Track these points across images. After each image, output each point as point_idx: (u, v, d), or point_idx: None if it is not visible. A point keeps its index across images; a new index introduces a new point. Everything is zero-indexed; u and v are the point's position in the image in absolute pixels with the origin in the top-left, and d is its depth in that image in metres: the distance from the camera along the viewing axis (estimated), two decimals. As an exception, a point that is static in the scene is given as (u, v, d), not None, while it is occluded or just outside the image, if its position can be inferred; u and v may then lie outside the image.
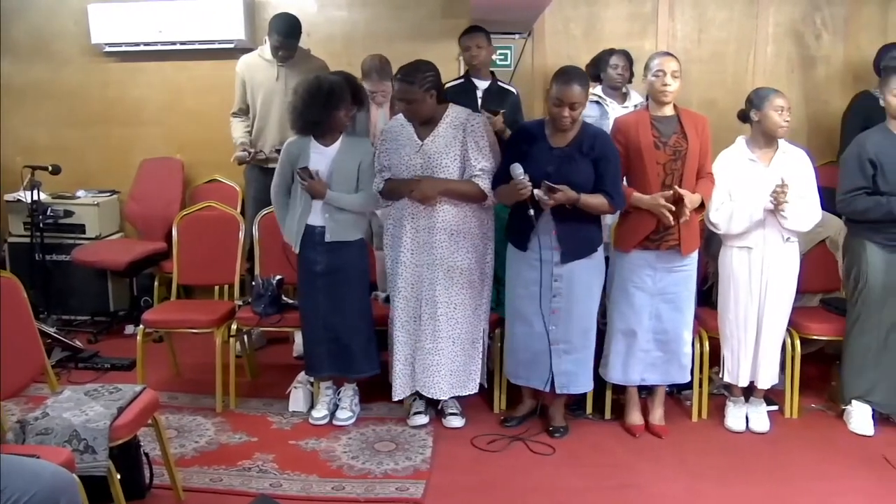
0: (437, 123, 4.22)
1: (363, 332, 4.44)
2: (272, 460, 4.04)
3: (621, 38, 5.97)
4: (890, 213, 4.23)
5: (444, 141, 4.19)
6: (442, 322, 4.27)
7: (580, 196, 3.96)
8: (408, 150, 4.21)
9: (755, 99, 4.30)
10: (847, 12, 6.21)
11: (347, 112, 4.33)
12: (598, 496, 3.80)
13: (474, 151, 4.18)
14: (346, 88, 4.29)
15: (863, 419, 4.44)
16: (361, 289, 4.47)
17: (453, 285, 4.27)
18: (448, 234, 4.23)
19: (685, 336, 4.35)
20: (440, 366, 4.31)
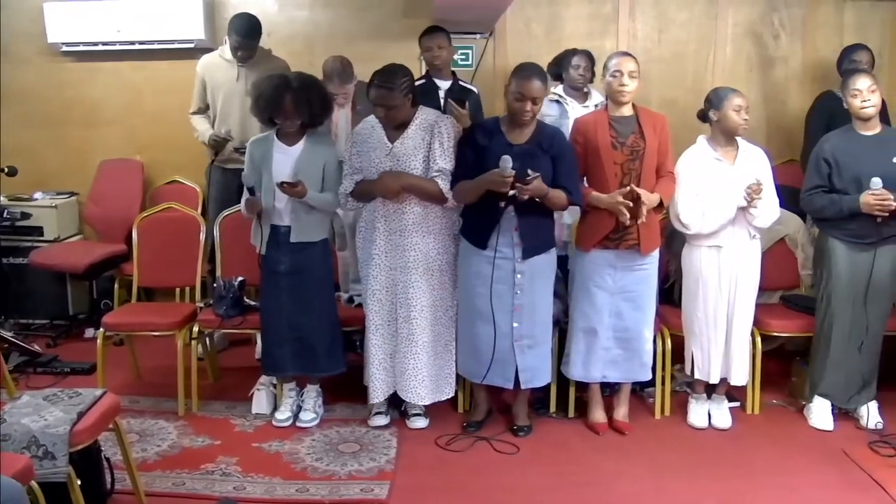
0: (407, 126, 4.22)
1: (328, 332, 4.43)
2: (235, 463, 4.01)
3: (582, 38, 5.99)
4: (841, 210, 4.30)
5: (412, 143, 4.19)
6: (417, 325, 4.27)
7: (549, 189, 4.00)
8: (378, 152, 4.20)
9: (714, 98, 4.34)
10: (804, 13, 6.28)
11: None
12: (563, 494, 3.81)
13: (437, 152, 4.19)
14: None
15: (823, 415, 4.50)
16: (326, 289, 4.46)
17: (428, 287, 4.27)
18: (421, 235, 4.23)
19: (646, 334, 4.38)
20: (418, 370, 4.31)
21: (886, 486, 3.84)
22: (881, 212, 4.17)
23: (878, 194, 4.15)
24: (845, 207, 4.27)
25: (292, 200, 4.25)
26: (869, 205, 4.18)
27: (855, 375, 4.44)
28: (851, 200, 4.25)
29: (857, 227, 4.30)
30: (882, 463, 4.09)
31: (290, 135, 4.34)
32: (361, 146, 4.26)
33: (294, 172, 4.27)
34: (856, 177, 4.26)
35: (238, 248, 4.77)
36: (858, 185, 4.24)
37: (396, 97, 4.08)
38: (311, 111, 4.29)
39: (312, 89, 4.31)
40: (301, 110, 4.26)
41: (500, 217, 4.06)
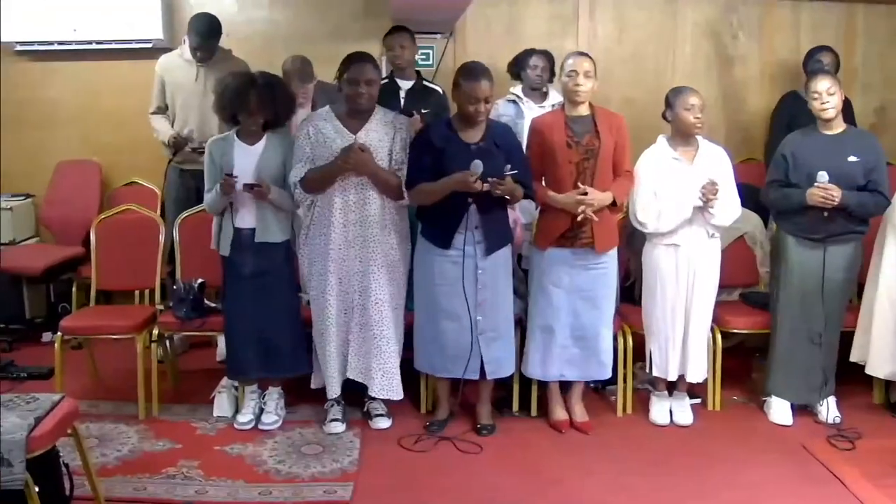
0: (367, 119, 4.22)
1: (292, 332, 4.41)
2: (197, 467, 3.97)
3: (542, 38, 6.01)
4: (791, 202, 4.37)
5: (377, 136, 4.20)
6: (373, 317, 4.27)
7: (517, 187, 4.04)
8: (340, 142, 4.17)
9: (670, 98, 4.39)
10: (761, 13, 6.36)
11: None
12: (526, 493, 3.81)
13: (399, 149, 4.23)
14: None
15: (782, 410, 4.56)
16: (289, 290, 4.44)
17: (387, 280, 4.28)
18: (380, 227, 4.23)
19: (604, 333, 4.40)
20: (372, 362, 4.30)
21: (844, 479, 3.90)
22: (824, 204, 4.24)
23: (823, 187, 4.22)
24: (795, 200, 4.35)
25: (256, 200, 4.23)
26: (814, 196, 4.25)
27: (815, 371, 4.49)
28: (800, 194, 4.32)
29: (807, 221, 4.36)
30: (840, 456, 4.15)
31: (250, 134, 4.32)
32: (319, 136, 4.22)
33: (256, 171, 4.25)
34: (809, 172, 4.32)
35: (198, 250, 4.73)
36: (811, 181, 4.31)
37: (378, 74, 4.20)
38: (276, 109, 4.29)
39: (278, 88, 4.31)
40: (265, 108, 4.25)
41: (464, 217, 4.08)
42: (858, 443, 4.27)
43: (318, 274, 4.29)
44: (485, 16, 6.17)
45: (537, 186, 4.25)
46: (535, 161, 4.26)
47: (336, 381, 4.36)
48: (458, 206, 4.09)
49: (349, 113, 4.24)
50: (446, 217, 4.13)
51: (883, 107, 6.45)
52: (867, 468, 4.01)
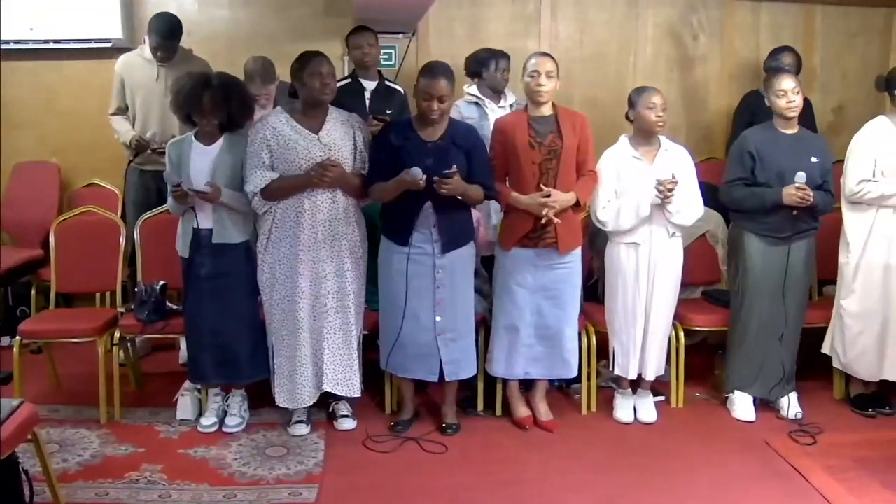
0: (324, 118, 4.20)
1: (250, 337, 4.36)
2: (161, 471, 3.93)
3: (505, 39, 6.02)
4: (763, 202, 4.40)
5: (338, 134, 4.19)
6: (350, 314, 4.26)
7: (467, 186, 4.06)
8: (303, 143, 4.14)
9: (633, 97, 4.42)
10: (721, 14, 6.42)
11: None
12: (491, 492, 3.82)
13: (360, 146, 4.24)
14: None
15: (745, 406, 4.60)
16: (248, 292, 4.38)
17: (356, 276, 4.27)
18: (346, 224, 4.22)
19: (568, 332, 4.42)
20: (352, 361, 4.29)
21: (806, 474, 3.96)
22: (800, 204, 4.29)
23: (801, 188, 4.27)
24: (768, 200, 4.38)
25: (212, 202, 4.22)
26: (791, 196, 4.29)
27: (776, 366, 4.55)
28: (774, 193, 4.35)
29: (775, 221, 4.41)
30: (801, 451, 4.20)
31: (208, 134, 4.29)
32: (280, 138, 4.16)
33: (212, 172, 4.22)
34: (780, 171, 4.37)
35: (159, 252, 4.69)
36: (782, 180, 4.36)
37: (333, 68, 4.19)
38: (230, 111, 4.25)
39: (233, 89, 4.27)
40: (219, 110, 4.22)
41: (419, 215, 4.10)
42: (820, 437, 4.33)
43: (285, 278, 4.22)
44: (447, 16, 6.17)
45: (501, 187, 4.26)
46: (499, 161, 4.27)
47: (309, 389, 4.29)
48: (415, 203, 4.10)
49: (305, 111, 4.21)
50: (404, 215, 4.14)
51: (841, 106, 6.54)
52: (828, 462, 4.06)
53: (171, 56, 5.19)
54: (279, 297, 4.25)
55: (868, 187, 4.42)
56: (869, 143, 4.50)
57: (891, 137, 4.46)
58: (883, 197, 4.41)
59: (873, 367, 4.58)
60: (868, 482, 3.88)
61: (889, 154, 4.43)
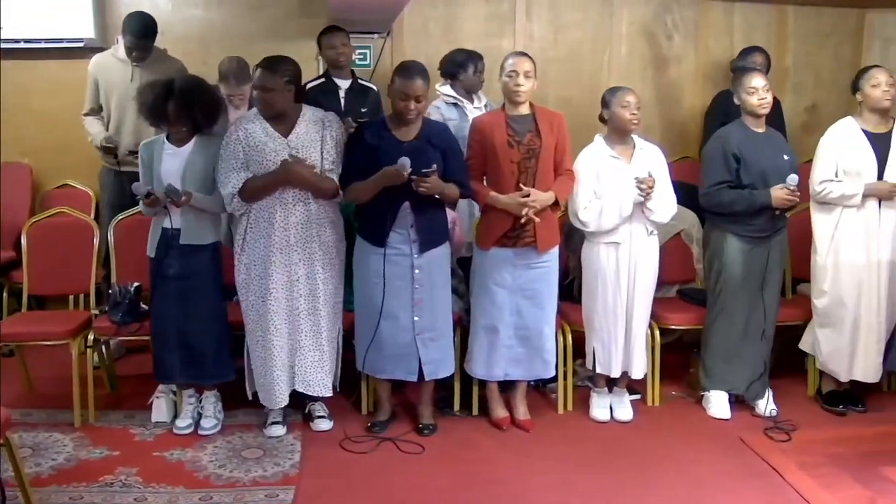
0: (294, 122, 4.17)
1: (216, 339, 4.33)
2: (136, 474, 3.90)
3: (479, 38, 6.02)
4: (753, 204, 4.41)
5: (307, 136, 4.16)
6: (322, 315, 4.24)
7: (444, 185, 4.05)
8: (272, 145, 4.12)
9: (607, 97, 4.44)
10: (695, 14, 6.45)
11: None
12: (468, 492, 3.82)
13: (330, 147, 4.19)
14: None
15: (720, 404, 4.63)
16: (215, 293, 4.36)
17: (330, 277, 4.25)
18: (319, 226, 4.20)
19: (547, 331, 4.43)
20: (323, 362, 4.27)
21: (781, 471, 3.99)
22: (787, 205, 4.36)
23: (790, 190, 4.31)
24: (758, 202, 4.40)
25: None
26: (781, 199, 4.34)
27: (757, 364, 4.59)
28: (763, 195, 4.38)
29: (760, 222, 4.45)
30: (776, 448, 4.24)
31: (178, 135, 4.27)
32: (251, 140, 4.15)
33: (182, 173, 4.20)
34: (762, 172, 4.41)
35: (133, 253, 4.64)
36: (765, 180, 4.40)
37: (277, 81, 4.07)
38: (196, 117, 4.23)
39: (196, 94, 4.23)
40: (184, 117, 4.21)
41: (397, 214, 4.09)
42: (794, 434, 4.37)
43: (259, 279, 4.21)
44: (422, 15, 6.16)
45: (479, 187, 4.26)
46: (477, 161, 4.27)
47: (283, 390, 4.28)
48: (393, 203, 4.09)
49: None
50: (381, 215, 4.12)
51: (814, 105, 6.59)
52: (803, 459, 4.10)
53: (145, 56, 5.15)
54: (253, 299, 4.23)
55: (830, 187, 4.47)
56: (832, 144, 4.54)
57: (855, 138, 4.50)
58: (844, 196, 4.45)
59: (844, 367, 4.62)
60: (841, 477, 3.93)
61: (851, 155, 4.48)
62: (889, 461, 4.08)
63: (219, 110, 4.40)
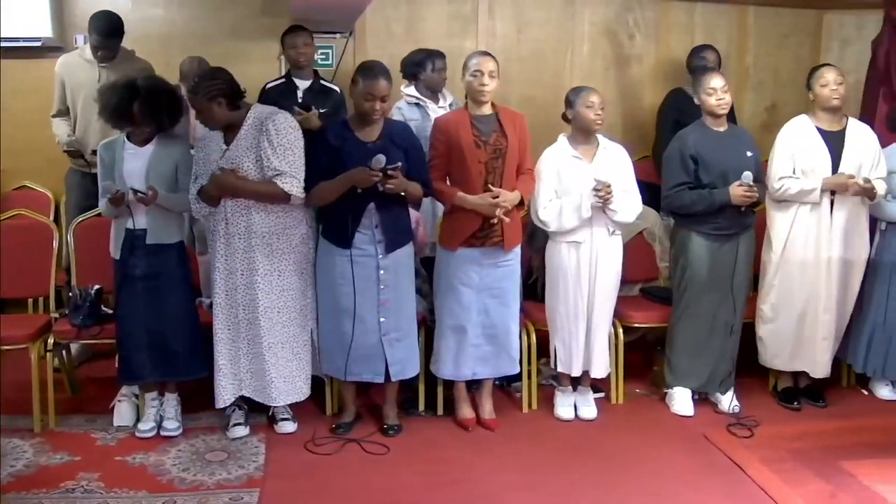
0: (239, 127, 4.14)
1: (188, 336, 4.32)
2: (98, 479, 3.86)
3: (442, 38, 6.03)
4: (712, 204, 4.45)
5: (245, 144, 4.11)
6: (263, 327, 4.19)
7: (409, 183, 4.05)
8: (214, 156, 4.13)
9: (570, 97, 4.44)
10: (656, 14, 6.51)
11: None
12: (433, 493, 3.82)
13: (268, 151, 4.07)
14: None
15: (683, 401, 4.67)
16: (183, 291, 4.34)
17: (273, 289, 4.19)
18: (261, 236, 4.14)
19: (513, 329, 4.45)
20: (267, 371, 4.22)
21: (743, 466, 4.03)
22: (746, 202, 4.38)
23: (747, 187, 4.35)
24: (717, 201, 4.43)
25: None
26: (739, 196, 4.37)
27: (725, 360, 4.64)
28: (722, 194, 4.42)
29: (723, 220, 4.48)
30: (739, 444, 4.28)
31: (140, 136, 4.24)
32: (203, 151, 4.20)
33: (146, 174, 4.17)
34: (722, 171, 4.44)
35: (94, 256, 4.59)
36: (725, 179, 4.42)
37: (201, 101, 4.05)
38: (161, 118, 4.20)
39: (160, 95, 4.20)
40: (150, 118, 4.17)
41: (363, 215, 4.08)
42: (756, 430, 4.42)
43: (223, 281, 4.22)
44: (385, 15, 6.15)
45: (445, 188, 4.26)
46: (442, 161, 4.27)
47: (227, 391, 4.26)
48: (357, 204, 4.08)
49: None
50: (345, 216, 4.11)
51: (774, 105, 6.67)
52: (765, 454, 4.15)
53: (112, 56, 5.09)
54: (218, 301, 4.23)
55: (788, 184, 4.52)
56: (787, 142, 4.60)
57: (809, 136, 4.57)
58: (803, 192, 4.50)
59: (787, 359, 4.72)
60: (803, 472, 3.98)
61: (807, 152, 4.54)
62: (849, 455, 4.14)
63: (181, 110, 4.36)
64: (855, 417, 4.63)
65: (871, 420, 4.60)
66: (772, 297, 4.68)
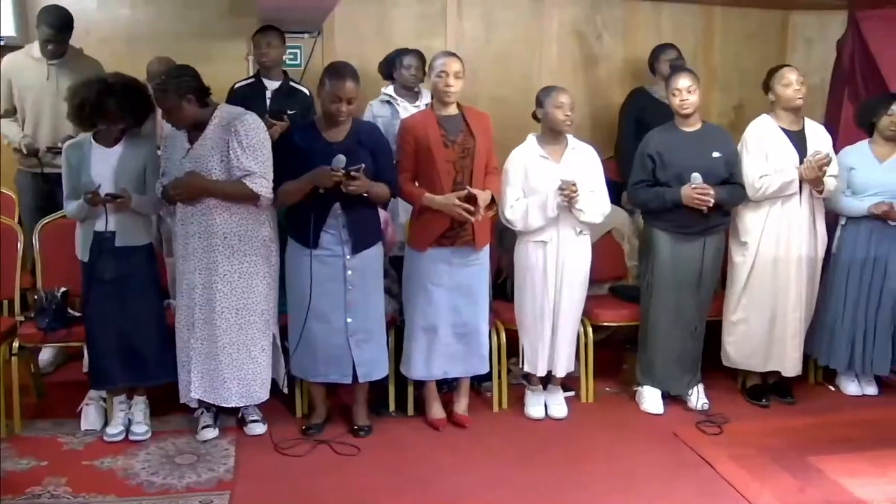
0: (204, 126, 4.11)
1: (157, 339, 4.28)
2: (65, 484, 3.81)
3: (411, 38, 6.01)
4: (664, 202, 4.49)
5: (210, 143, 4.07)
6: (220, 327, 4.15)
7: (372, 184, 4.04)
8: (178, 155, 4.10)
9: (541, 96, 4.45)
10: (624, 14, 6.53)
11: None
12: (405, 492, 3.82)
13: (237, 151, 4.04)
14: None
15: (653, 399, 4.70)
16: (153, 294, 4.32)
17: (233, 291, 4.15)
18: (222, 237, 4.11)
19: (482, 328, 4.45)
20: (222, 372, 4.18)
21: (712, 462, 4.07)
22: (700, 205, 4.37)
23: (698, 188, 4.36)
24: (669, 200, 4.46)
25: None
26: (689, 198, 4.38)
27: (687, 359, 4.67)
28: (674, 193, 4.44)
29: (681, 218, 4.49)
30: (708, 441, 4.32)
31: (108, 137, 4.19)
32: (168, 150, 4.18)
33: (115, 176, 4.13)
34: (678, 171, 4.46)
35: (60, 258, 4.53)
36: (681, 179, 4.44)
37: (170, 98, 4.01)
38: (136, 113, 4.17)
39: (134, 90, 4.17)
40: (127, 114, 4.13)
41: (328, 215, 4.07)
42: (726, 427, 4.46)
43: (183, 282, 4.20)
44: (353, 15, 6.12)
45: (412, 189, 4.26)
46: (410, 162, 4.26)
47: (186, 389, 4.24)
48: (323, 204, 4.07)
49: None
50: (310, 216, 4.09)
51: (741, 104, 6.72)
52: (733, 450, 4.19)
53: (62, 50, 5.02)
54: (180, 301, 4.20)
55: (767, 181, 4.55)
56: (758, 141, 4.64)
57: (776, 135, 4.62)
58: (784, 185, 4.54)
59: (761, 361, 4.76)
60: (771, 468, 4.02)
61: (776, 151, 4.59)
62: (817, 450, 4.19)
63: (152, 105, 4.32)
64: (822, 413, 4.69)
65: (837, 415, 4.68)
66: (744, 298, 4.72)
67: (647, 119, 5.01)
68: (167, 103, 4.02)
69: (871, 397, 4.94)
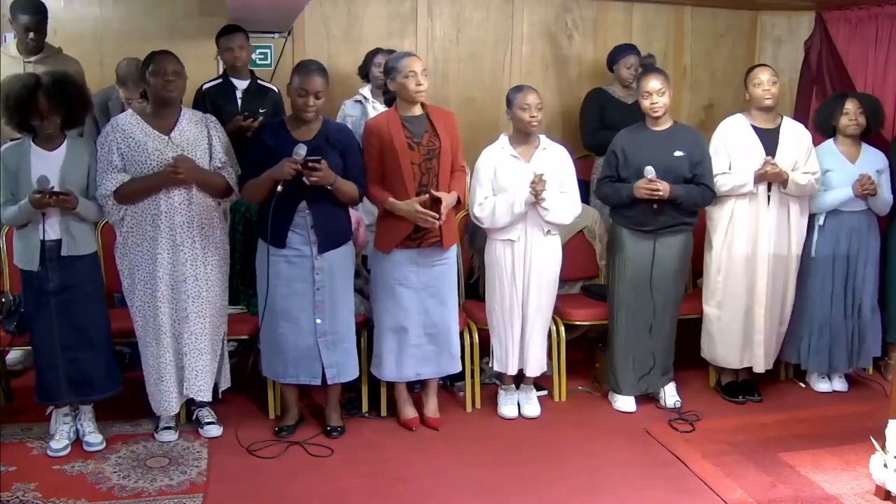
0: (175, 120, 4.09)
1: (104, 350, 4.18)
2: (34, 489, 3.77)
3: (382, 38, 6.00)
4: (621, 197, 4.55)
5: (191, 135, 4.08)
6: (207, 319, 4.16)
7: (336, 177, 4.01)
8: (153, 144, 4.02)
9: (509, 97, 4.47)
10: (595, 14, 6.54)
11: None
12: (378, 493, 3.82)
13: (218, 145, 4.13)
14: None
15: (625, 398, 4.72)
16: (99, 304, 4.20)
17: (215, 279, 4.18)
18: (200, 228, 4.11)
19: (453, 328, 4.45)
20: (205, 365, 4.19)
21: (685, 460, 4.10)
22: (650, 196, 4.42)
23: (650, 181, 4.40)
24: (624, 194, 4.52)
25: (62, 211, 3.97)
26: (640, 190, 4.43)
27: (646, 357, 4.68)
28: (627, 188, 4.50)
29: (637, 214, 4.54)
30: (680, 438, 4.35)
31: (48, 138, 4.03)
32: (128, 140, 4.03)
33: (60, 179, 3.98)
34: (638, 167, 4.49)
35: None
36: (640, 176, 4.48)
37: (183, 68, 4.10)
38: (69, 108, 4.01)
39: (67, 85, 4.01)
40: (57, 109, 3.95)
41: (295, 214, 4.07)
42: (697, 424, 4.50)
43: (144, 283, 4.10)
44: (323, 15, 6.10)
45: (376, 192, 4.24)
46: (375, 164, 4.24)
47: (174, 397, 4.19)
48: (290, 203, 4.05)
49: (154, 112, 4.10)
50: (279, 215, 4.07)
51: (711, 104, 6.76)
52: (706, 447, 4.22)
53: (41, 43, 4.97)
54: (140, 304, 4.13)
55: (722, 180, 4.61)
56: (721, 139, 4.72)
57: (744, 133, 4.67)
58: (736, 187, 4.60)
59: (737, 356, 4.80)
60: (743, 464, 4.06)
61: (740, 149, 4.64)
62: (787, 447, 4.24)
63: (90, 103, 4.24)
64: (792, 410, 4.74)
65: (807, 412, 4.73)
66: (717, 295, 4.76)
67: (608, 119, 5.09)
68: (179, 68, 4.06)
69: (840, 393, 5.00)
